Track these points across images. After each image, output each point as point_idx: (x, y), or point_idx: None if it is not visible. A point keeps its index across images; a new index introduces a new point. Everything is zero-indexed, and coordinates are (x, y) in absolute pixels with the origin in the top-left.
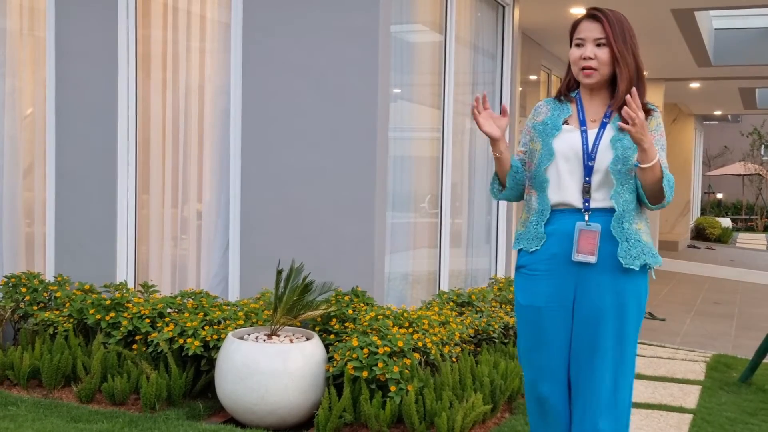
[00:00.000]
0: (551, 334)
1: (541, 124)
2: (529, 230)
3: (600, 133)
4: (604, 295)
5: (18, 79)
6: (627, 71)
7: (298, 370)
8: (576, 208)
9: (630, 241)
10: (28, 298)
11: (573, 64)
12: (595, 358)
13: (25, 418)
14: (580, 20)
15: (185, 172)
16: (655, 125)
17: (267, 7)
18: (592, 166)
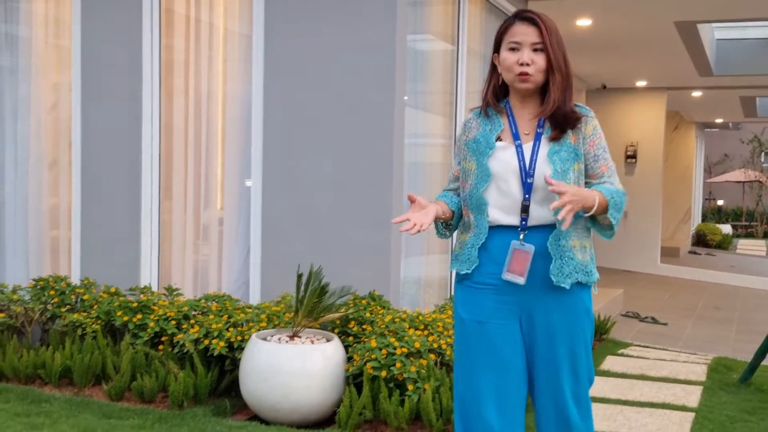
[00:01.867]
0: (496, 351)
1: (474, 142)
2: (464, 252)
3: (536, 147)
4: (552, 313)
5: (42, 85)
6: (560, 78)
7: (318, 370)
8: (512, 227)
9: (564, 258)
10: (55, 301)
11: (507, 70)
12: (551, 378)
13: (59, 414)
14: (512, 23)
15: (207, 179)
16: (591, 129)
17: (288, 21)
18: (532, 183)
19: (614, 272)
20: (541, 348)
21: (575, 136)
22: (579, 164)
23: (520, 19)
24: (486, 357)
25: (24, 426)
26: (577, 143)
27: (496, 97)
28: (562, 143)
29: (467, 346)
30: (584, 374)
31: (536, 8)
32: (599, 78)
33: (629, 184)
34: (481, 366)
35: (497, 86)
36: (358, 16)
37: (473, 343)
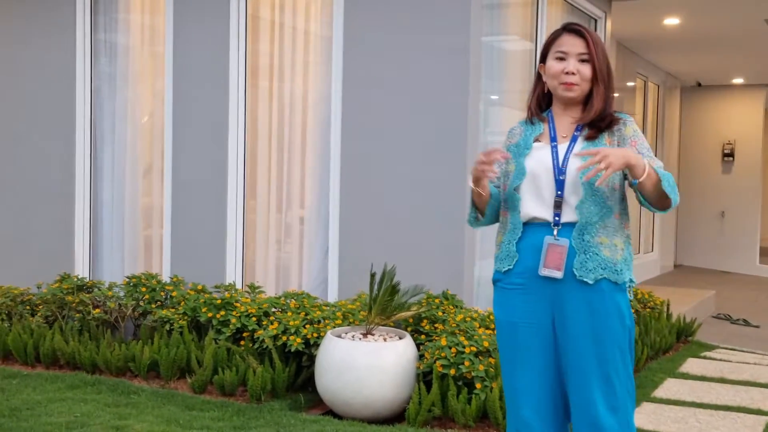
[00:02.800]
0: (528, 351)
1: (515, 146)
2: (502, 250)
3: (571, 147)
4: (580, 313)
5: (138, 90)
6: (603, 89)
7: (390, 366)
8: (547, 222)
9: (588, 253)
10: (147, 297)
11: (553, 78)
12: (580, 382)
13: (146, 405)
14: (560, 34)
15: (289, 180)
16: (631, 132)
17: (365, 25)
18: (564, 179)
19: (709, 273)
20: (570, 349)
21: (611, 138)
22: None
23: (568, 31)
24: (520, 357)
25: (112, 416)
26: (612, 144)
27: (540, 107)
28: (596, 143)
29: (504, 347)
30: (621, 383)
31: (621, 9)
32: (693, 76)
33: (726, 183)
34: (517, 366)
35: (541, 95)
36: (433, 19)
37: (508, 344)
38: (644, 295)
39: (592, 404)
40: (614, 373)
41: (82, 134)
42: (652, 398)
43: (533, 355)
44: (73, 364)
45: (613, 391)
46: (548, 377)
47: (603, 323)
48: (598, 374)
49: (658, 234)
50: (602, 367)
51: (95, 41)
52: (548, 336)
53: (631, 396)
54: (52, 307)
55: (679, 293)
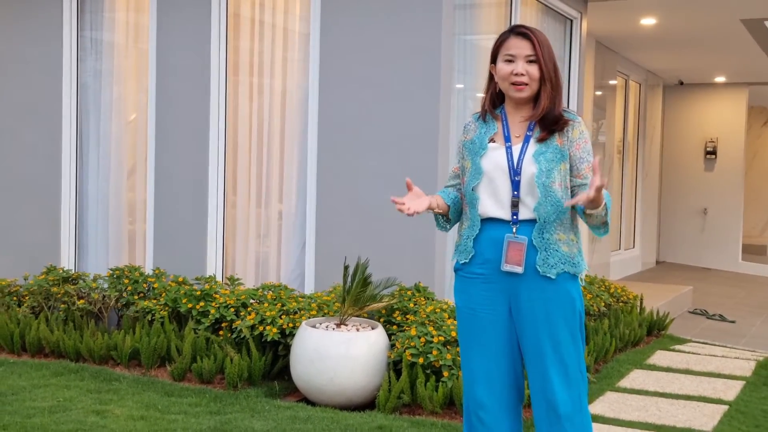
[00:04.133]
0: (484, 336)
1: (471, 143)
2: (461, 243)
3: (524, 148)
4: (535, 302)
5: (123, 87)
6: (550, 87)
7: (362, 355)
8: (505, 221)
9: (548, 250)
10: (129, 289)
11: (503, 80)
12: (537, 364)
13: (127, 391)
14: (507, 37)
15: (268, 175)
16: (578, 134)
17: (341, 22)
18: (519, 180)
19: (690, 269)
20: (527, 335)
21: (561, 139)
22: (564, 164)
23: (515, 33)
24: (476, 341)
25: (94, 401)
26: (563, 145)
27: (493, 104)
28: (548, 144)
29: (462, 331)
30: (573, 363)
31: (597, 9)
32: (675, 74)
33: (708, 181)
34: (473, 349)
35: (494, 94)
36: (406, 18)
37: (466, 329)
38: (617, 289)
39: (548, 382)
40: (566, 353)
41: (68, 130)
42: (616, 388)
43: (489, 339)
44: (58, 353)
45: (566, 370)
46: (503, 360)
47: (556, 310)
48: (552, 355)
49: (640, 230)
50: (555, 348)
51: (82, 39)
52: (504, 322)
53: (582, 375)
54: (38, 298)
55: (655, 288)
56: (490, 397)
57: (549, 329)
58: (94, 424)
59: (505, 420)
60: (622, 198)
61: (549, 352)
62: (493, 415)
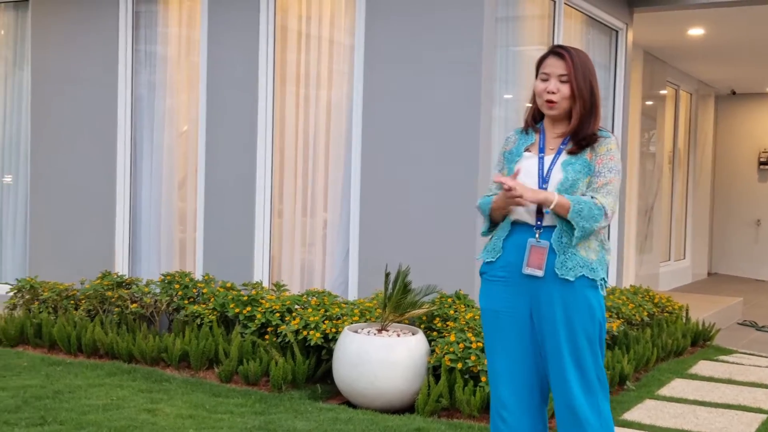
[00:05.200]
0: (507, 337)
1: (509, 153)
2: (491, 243)
3: (555, 159)
4: (554, 306)
5: (175, 99)
6: (581, 107)
7: (402, 360)
8: (531, 225)
9: (567, 254)
10: (180, 294)
11: (537, 96)
12: (557, 367)
13: (176, 392)
14: (546, 57)
15: (314, 185)
16: (605, 150)
17: (385, 35)
18: (546, 188)
19: (743, 281)
20: (547, 338)
21: (591, 154)
22: (591, 178)
23: (552, 53)
24: (500, 342)
25: (145, 400)
26: (591, 159)
27: (535, 119)
28: (578, 157)
29: (487, 333)
30: (591, 370)
31: (643, 20)
32: (727, 84)
33: (762, 191)
34: (496, 349)
35: (536, 110)
36: (448, 31)
37: (490, 330)
38: (662, 299)
39: (567, 387)
40: (584, 361)
41: (123, 141)
42: (656, 396)
43: (512, 341)
44: (112, 354)
45: (584, 376)
46: (525, 361)
47: (574, 316)
48: (571, 361)
49: (691, 241)
50: (573, 354)
51: (136, 52)
52: (526, 324)
53: (602, 383)
54: (93, 302)
55: (704, 300)
56: (513, 398)
57: (567, 333)
58: (145, 422)
59: (528, 420)
60: (672, 208)
61: (567, 356)
62: (515, 415)
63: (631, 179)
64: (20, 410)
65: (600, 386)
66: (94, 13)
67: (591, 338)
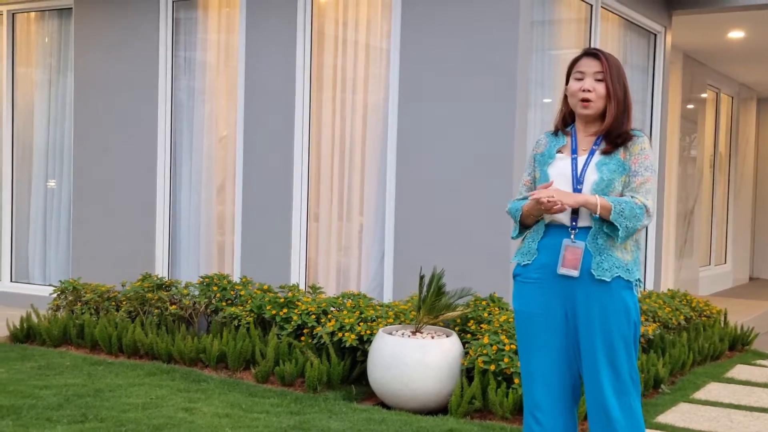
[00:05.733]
0: (541, 339)
1: (541, 155)
2: (525, 245)
3: (588, 160)
4: (590, 306)
5: (214, 105)
6: (615, 106)
7: (435, 362)
8: (565, 226)
9: (603, 255)
10: (218, 296)
11: (572, 96)
12: (591, 367)
13: (214, 391)
14: (580, 58)
15: (350, 189)
16: (638, 149)
17: (420, 39)
18: (581, 189)
19: None
20: (582, 339)
21: (625, 153)
22: (626, 177)
23: (587, 54)
24: (533, 344)
25: (183, 399)
26: (626, 159)
27: (565, 122)
28: (612, 157)
29: (521, 334)
30: (624, 370)
31: (682, 23)
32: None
33: None
34: (531, 351)
35: (567, 113)
36: (483, 35)
37: (524, 331)
38: (700, 303)
39: (600, 387)
40: (618, 361)
41: (163, 146)
42: (691, 399)
43: (545, 343)
44: (151, 354)
45: (618, 376)
46: (558, 363)
47: (610, 317)
48: (605, 361)
49: (732, 246)
50: (608, 355)
51: (176, 59)
52: (560, 326)
53: (634, 383)
54: (134, 303)
55: (744, 304)
56: (547, 398)
57: (603, 334)
58: (183, 420)
59: (561, 420)
60: (713, 213)
61: (602, 356)
62: (549, 415)
63: (670, 183)
64: (62, 408)
65: (633, 386)
66: (135, 20)
67: (626, 339)
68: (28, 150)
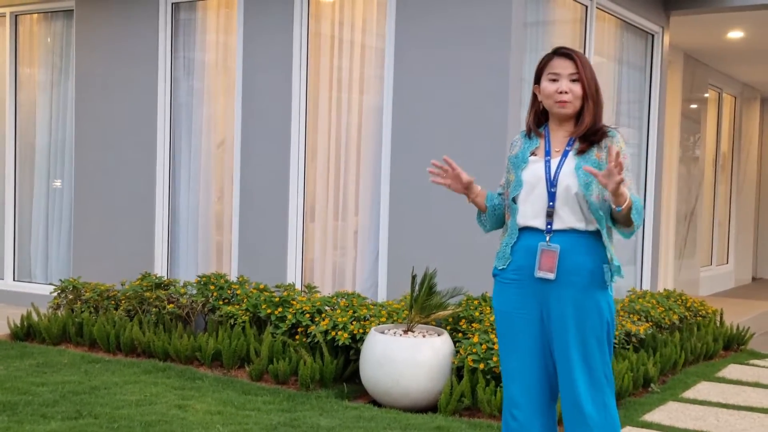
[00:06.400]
0: (519, 338)
1: (515, 157)
2: (501, 250)
3: (561, 162)
4: (565, 308)
5: (213, 105)
6: (593, 104)
7: (426, 360)
8: (540, 230)
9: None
10: (215, 295)
11: (547, 98)
12: (565, 365)
13: (208, 389)
14: (551, 58)
15: (345, 190)
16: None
17: (414, 41)
18: (555, 191)
19: None
20: (556, 338)
21: (600, 152)
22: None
23: (558, 54)
24: (512, 342)
25: (177, 397)
26: (600, 159)
27: (538, 122)
28: (587, 158)
29: (500, 332)
30: (599, 369)
31: (681, 23)
32: None
33: None
34: (508, 349)
35: (538, 112)
36: (476, 36)
37: (502, 330)
38: (695, 303)
39: (573, 385)
40: (592, 358)
41: (162, 147)
42: (679, 398)
43: (523, 341)
44: (148, 353)
45: (591, 374)
46: (536, 361)
47: (583, 316)
48: (579, 359)
49: (734, 246)
50: (581, 352)
51: (175, 59)
52: (536, 325)
53: (608, 380)
54: (133, 302)
55: (744, 304)
56: (524, 396)
57: (577, 334)
58: (175, 417)
59: (538, 418)
60: (714, 213)
61: (575, 355)
62: (526, 413)
63: (669, 183)
64: (57, 404)
65: (607, 384)
66: (135, 21)
67: (600, 338)
68: (30, 150)
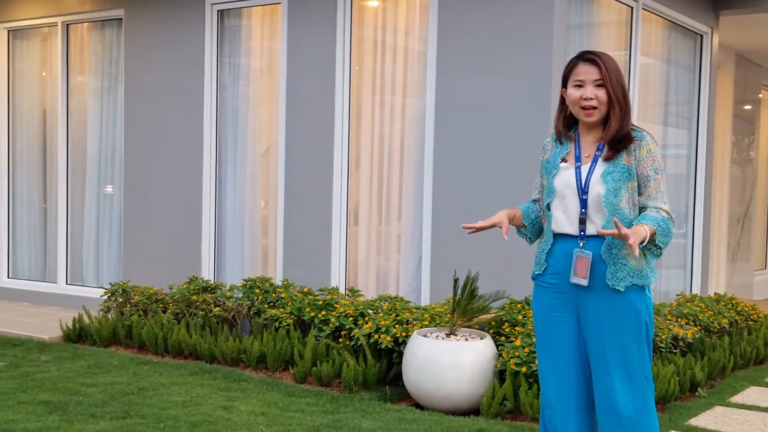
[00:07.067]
0: (555, 341)
1: (547, 162)
2: (537, 256)
3: (592, 168)
4: (602, 312)
5: (258, 111)
6: (619, 109)
7: (469, 363)
8: (574, 236)
9: (617, 264)
10: (260, 298)
11: (573, 104)
12: (601, 369)
13: (253, 391)
14: (576, 63)
15: (388, 194)
16: (645, 153)
17: (457, 45)
18: (586, 199)
19: None
20: (593, 342)
21: (629, 158)
22: (632, 183)
23: (583, 60)
24: (547, 344)
25: (222, 398)
26: (630, 164)
27: (567, 125)
28: (616, 164)
29: (537, 336)
30: (637, 369)
31: (731, 23)
32: None
33: None
34: (546, 352)
35: (567, 116)
36: (518, 40)
37: (540, 333)
38: (745, 307)
39: (610, 387)
40: (630, 359)
41: (208, 152)
42: (727, 402)
43: (559, 344)
44: (195, 355)
45: (630, 375)
46: (572, 364)
47: (621, 320)
48: (616, 361)
49: None
50: (619, 354)
51: (221, 65)
52: (573, 328)
53: (648, 381)
54: (180, 305)
55: None
56: (558, 398)
57: (614, 338)
58: (220, 417)
59: (572, 421)
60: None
61: (612, 358)
62: (559, 415)
63: (721, 184)
64: (106, 404)
65: (646, 384)
66: (182, 28)
67: (638, 339)
68: (82, 156)
